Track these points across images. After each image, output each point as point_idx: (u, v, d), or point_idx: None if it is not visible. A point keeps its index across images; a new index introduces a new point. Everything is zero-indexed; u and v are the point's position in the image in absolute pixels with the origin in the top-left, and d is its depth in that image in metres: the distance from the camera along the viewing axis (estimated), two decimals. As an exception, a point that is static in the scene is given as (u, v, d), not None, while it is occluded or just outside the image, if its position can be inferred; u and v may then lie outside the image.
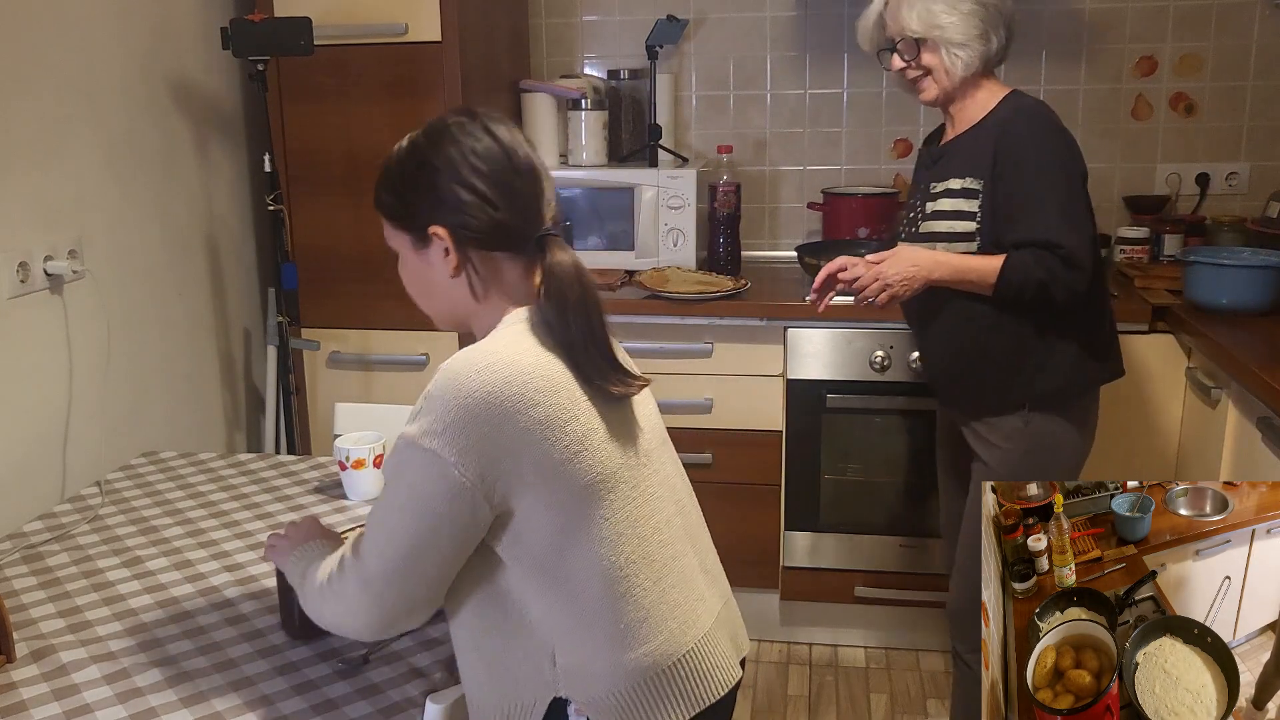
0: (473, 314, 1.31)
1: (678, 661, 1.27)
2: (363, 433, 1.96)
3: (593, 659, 1.23)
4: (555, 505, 1.20)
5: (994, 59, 1.96)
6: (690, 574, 1.32)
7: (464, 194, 1.23)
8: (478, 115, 1.28)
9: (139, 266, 2.39)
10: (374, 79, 2.63)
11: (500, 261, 1.28)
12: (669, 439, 1.41)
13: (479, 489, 1.16)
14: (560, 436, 1.19)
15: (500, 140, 1.26)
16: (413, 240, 1.29)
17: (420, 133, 1.29)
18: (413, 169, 1.27)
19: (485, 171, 1.24)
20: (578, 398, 1.22)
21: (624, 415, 1.30)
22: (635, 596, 1.24)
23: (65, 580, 1.62)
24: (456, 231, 1.25)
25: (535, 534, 1.20)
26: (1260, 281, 2.35)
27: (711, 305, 2.65)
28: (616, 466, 1.24)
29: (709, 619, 1.33)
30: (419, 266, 1.30)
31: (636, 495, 1.27)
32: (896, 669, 2.78)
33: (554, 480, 1.19)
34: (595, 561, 1.21)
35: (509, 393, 1.17)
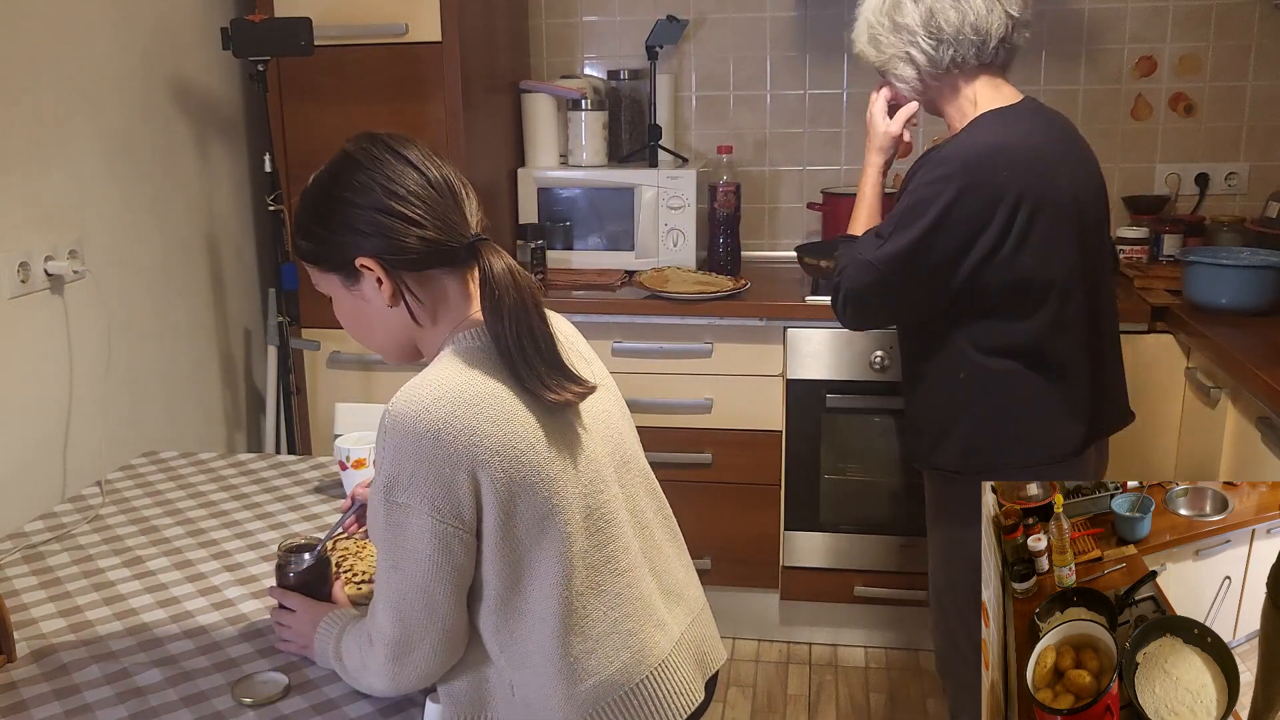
0: (419, 339, 1.29)
1: (630, 691, 1.25)
2: (363, 433, 1.96)
3: (547, 693, 1.21)
4: (512, 541, 1.18)
5: (952, 69, 1.79)
6: (647, 600, 1.29)
7: (383, 219, 1.20)
8: (378, 137, 1.26)
9: (139, 266, 2.39)
10: (374, 79, 2.63)
11: (437, 278, 1.25)
12: (638, 451, 1.38)
13: (460, 528, 1.16)
14: (514, 469, 1.17)
15: (409, 159, 1.23)
16: (341, 279, 1.26)
17: (324, 170, 1.26)
18: (325, 206, 1.24)
19: (400, 193, 1.21)
20: (530, 424, 1.20)
21: (576, 438, 1.26)
22: (585, 628, 1.22)
23: (66, 580, 1.62)
24: (384, 258, 1.22)
25: (494, 570, 1.19)
26: (1260, 281, 2.35)
27: (711, 305, 2.65)
28: (569, 496, 1.21)
29: (668, 645, 1.30)
30: (354, 304, 1.28)
31: (589, 524, 1.24)
32: (896, 669, 2.78)
33: (511, 515, 1.17)
34: (547, 595, 1.19)
35: (459, 426, 1.15)
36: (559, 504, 1.20)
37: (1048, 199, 1.70)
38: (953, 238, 1.70)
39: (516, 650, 1.21)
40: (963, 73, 1.80)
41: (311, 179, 1.27)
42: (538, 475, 1.18)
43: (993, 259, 1.70)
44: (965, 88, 1.82)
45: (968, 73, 1.80)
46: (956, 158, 1.71)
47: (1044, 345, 1.74)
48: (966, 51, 1.76)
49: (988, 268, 1.71)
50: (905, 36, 1.78)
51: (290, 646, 1.40)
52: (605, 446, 1.30)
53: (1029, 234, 1.69)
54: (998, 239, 1.69)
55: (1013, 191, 1.68)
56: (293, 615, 1.41)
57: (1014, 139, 1.73)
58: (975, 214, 1.69)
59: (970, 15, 1.74)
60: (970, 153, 1.71)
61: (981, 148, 1.72)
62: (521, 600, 1.20)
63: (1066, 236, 1.73)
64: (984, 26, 1.74)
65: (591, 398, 1.28)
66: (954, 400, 1.81)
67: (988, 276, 1.71)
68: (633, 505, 1.33)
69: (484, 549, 1.18)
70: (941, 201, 1.69)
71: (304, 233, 1.27)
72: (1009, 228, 1.69)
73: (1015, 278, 1.71)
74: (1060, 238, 1.72)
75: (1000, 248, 1.69)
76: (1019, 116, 1.77)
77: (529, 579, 1.19)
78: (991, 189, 1.68)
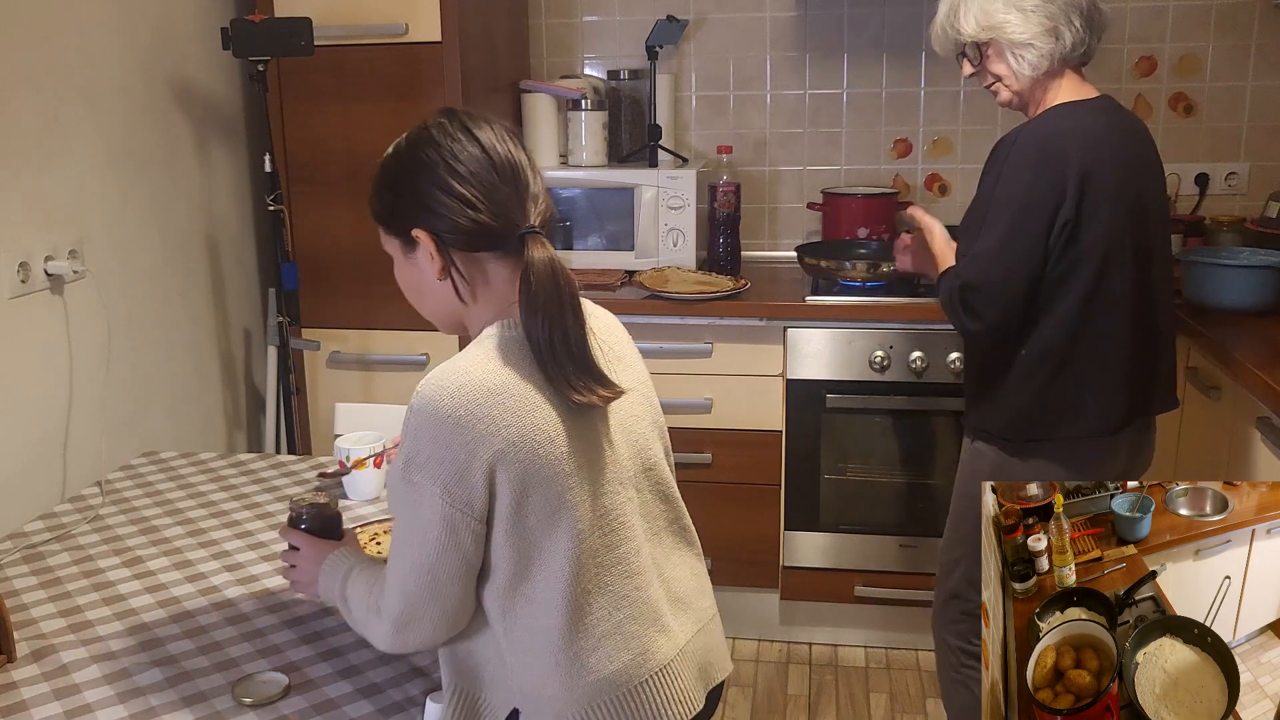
0: (464, 315, 1.31)
1: (629, 693, 1.25)
2: (363, 433, 1.96)
3: (543, 683, 1.22)
4: (521, 531, 1.20)
5: (1070, 56, 1.86)
6: (653, 605, 1.30)
7: (442, 196, 1.23)
8: (457, 114, 1.28)
9: (139, 266, 2.39)
10: (374, 79, 2.64)
11: (485, 262, 1.27)
12: (661, 458, 1.38)
13: (470, 514, 1.17)
14: (529, 462, 1.18)
15: (479, 139, 1.25)
16: (401, 244, 1.29)
17: (404, 137, 1.29)
18: (395, 173, 1.27)
19: (462, 173, 1.23)
20: (551, 419, 1.21)
21: (598, 439, 1.26)
22: (589, 626, 1.23)
23: (66, 580, 1.62)
24: (438, 234, 1.25)
25: (503, 556, 1.20)
26: (1260, 281, 2.35)
27: (711, 305, 2.65)
28: (583, 493, 1.22)
29: (671, 651, 1.30)
30: (410, 270, 1.31)
31: (601, 523, 1.24)
32: (896, 669, 2.78)
33: (521, 506, 1.19)
34: (553, 585, 1.21)
35: (479, 414, 1.17)
36: (571, 500, 1.21)
37: (1099, 173, 1.78)
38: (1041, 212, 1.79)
39: (520, 635, 1.22)
40: (1068, 66, 1.88)
41: (393, 144, 1.30)
42: (552, 470, 1.19)
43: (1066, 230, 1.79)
44: (1058, 79, 1.89)
45: (1061, 66, 1.88)
46: (1032, 143, 1.80)
47: (1085, 315, 1.82)
48: (1078, 47, 1.85)
49: (1062, 238, 1.80)
50: (1045, 19, 1.83)
51: (296, 586, 1.44)
52: (627, 450, 1.31)
53: (1082, 203, 1.78)
54: (1072, 212, 1.78)
55: (1074, 164, 1.77)
56: (299, 555, 1.43)
57: (1078, 125, 1.82)
58: (1052, 187, 1.78)
59: (1086, 10, 1.84)
60: (1043, 135, 1.81)
61: (1051, 131, 1.81)
62: (529, 587, 1.21)
63: (1115, 211, 1.80)
64: (1096, 22, 1.86)
65: (620, 400, 1.28)
66: (1008, 371, 1.89)
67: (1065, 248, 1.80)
68: (648, 511, 1.33)
69: (494, 534, 1.20)
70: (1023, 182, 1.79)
71: (376, 193, 1.31)
72: (1079, 199, 1.78)
73: (1079, 247, 1.80)
74: (1110, 211, 1.79)
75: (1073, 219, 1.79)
76: (1089, 110, 1.86)
77: (538, 568, 1.21)
78: (1061, 166, 1.78)
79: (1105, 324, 1.83)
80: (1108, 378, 1.85)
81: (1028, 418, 1.88)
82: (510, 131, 1.29)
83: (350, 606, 1.32)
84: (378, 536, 1.71)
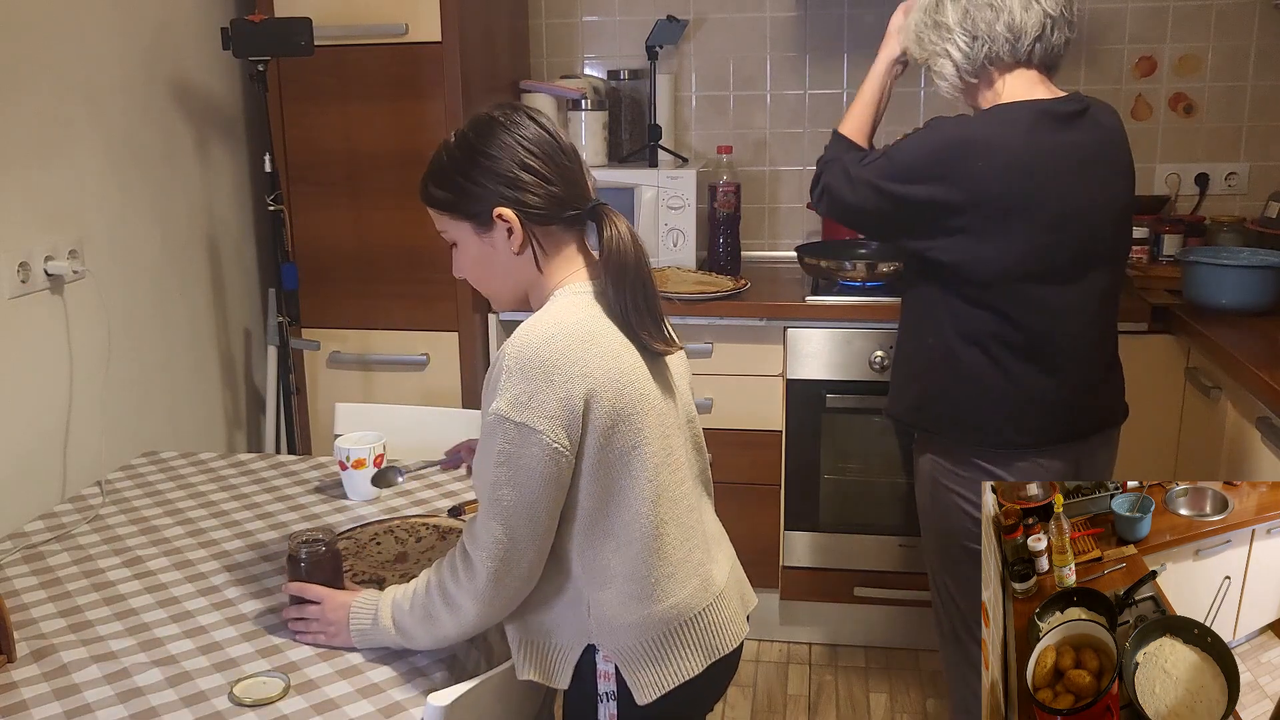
0: (533, 285, 1.42)
1: (698, 615, 1.39)
2: (363, 433, 1.96)
3: (624, 611, 1.34)
4: (606, 465, 1.31)
5: (988, 65, 1.82)
6: (708, 536, 1.47)
7: (523, 174, 1.35)
8: (518, 106, 1.41)
9: (139, 266, 2.39)
10: (374, 79, 2.63)
11: (557, 233, 1.39)
12: (695, 413, 1.53)
13: (569, 449, 1.29)
14: (617, 399, 1.31)
15: (544, 126, 1.39)
16: (474, 226, 1.38)
17: (467, 127, 1.39)
18: (469, 160, 1.36)
19: (537, 153, 1.36)
20: (635, 362, 1.35)
21: (667, 384, 1.42)
22: (666, 553, 1.36)
23: (66, 580, 1.63)
24: (521, 210, 1.36)
25: (587, 492, 1.32)
26: (1260, 281, 2.35)
27: (711, 305, 2.65)
28: (658, 432, 1.36)
29: (723, 578, 1.45)
30: (482, 250, 1.40)
31: (670, 460, 1.38)
32: (896, 669, 2.78)
33: (609, 440, 1.31)
34: (635, 519, 1.33)
35: (575, 356, 1.29)
36: (647, 436, 1.34)
37: (1008, 198, 1.72)
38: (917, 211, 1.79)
39: (600, 569, 1.34)
40: (998, 69, 1.84)
41: (454, 135, 1.40)
42: (635, 408, 1.33)
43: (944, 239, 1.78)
44: (998, 83, 1.85)
45: (1002, 69, 1.84)
46: (940, 138, 1.78)
47: (992, 336, 1.80)
48: (1001, 48, 1.80)
49: (937, 247, 1.79)
50: (944, 34, 1.84)
51: (315, 639, 1.43)
52: (679, 400, 1.46)
53: (979, 227, 1.74)
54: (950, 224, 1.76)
55: (969, 184, 1.73)
56: (315, 608, 1.43)
57: (993, 134, 1.75)
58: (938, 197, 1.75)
59: (1005, 14, 1.78)
60: (950, 138, 1.77)
61: (956, 138, 1.76)
62: (609, 522, 1.33)
63: (1025, 236, 1.74)
64: (1018, 24, 1.78)
65: (673, 359, 1.46)
66: (916, 361, 1.93)
67: (939, 254, 1.80)
68: (693, 456, 1.49)
69: (581, 470, 1.31)
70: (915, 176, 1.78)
71: (442, 183, 1.39)
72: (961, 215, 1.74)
73: (964, 262, 1.77)
74: (1015, 236, 1.74)
75: (953, 232, 1.76)
76: (1024, 114, 1.77)
77: (616, 502, 1.33)
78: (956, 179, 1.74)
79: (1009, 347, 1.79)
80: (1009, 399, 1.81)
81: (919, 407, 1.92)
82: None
83: (402, 621, 1.38)
84: (378, 536, 1.71)
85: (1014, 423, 1.82)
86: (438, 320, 2.72)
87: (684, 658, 1.38)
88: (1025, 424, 1.82)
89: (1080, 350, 1.83)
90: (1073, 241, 1.77)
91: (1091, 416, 1.89)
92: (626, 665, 1.36)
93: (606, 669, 1.37)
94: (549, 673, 1.38)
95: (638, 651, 1.36)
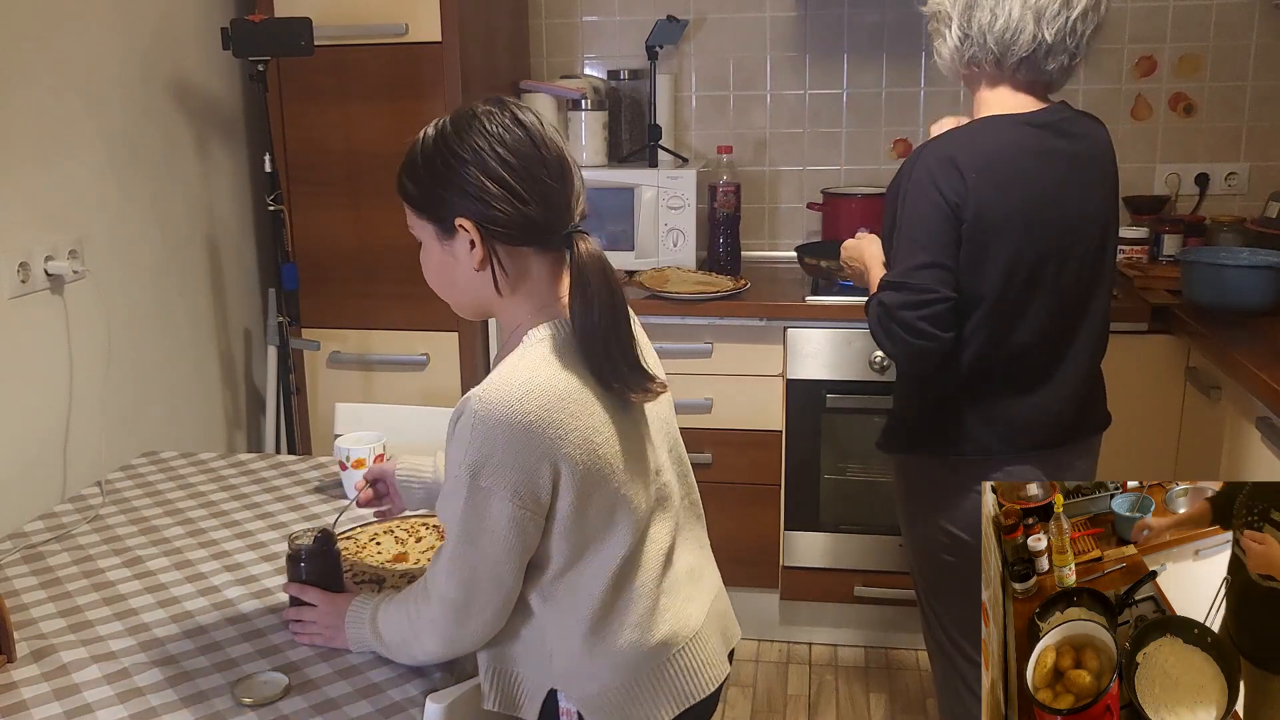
0: (496, 307, 1.30)
1: (667, 660, 1.31)
2: (363, 433, 1.96)
3: (587, 661, 1.28)
4: (580, 526, 1.24)
5: (972, 66, 1.76)
6: (681, 576, 1.36)
7: (491, 186, 1.21)
8: (507, 104, 1.26)
9: (139, 266, 2.39)
10: (374, 79, 2.63)
11: (527, 256, 1.26)
12: (679, 436, 1.43)
13: (536, 514, 1.21)
14: (591, 463, 1.22)
15: (529, 130, 1.23)
16: (437, 231, 1.27)
17: (448, 120, 1.26)
18: (438, 158, 1.24)
19: (513, 164, 1.21)
20: (604, 418, 1.24)
21: (640, 429, 1.32)
22: (632, 603, 1.28)
23: (66, 580, 1.62)
24: (483, 225, 1.22)
25: (558, 549, 1.25)
26: (1260, 281, 2.35)
27: (711, 305, 2.65)
28: (633, 486, 1.27)
29: (699, 618, 1.36)
30: (442, 258, 1.28)
31: (644, 509, 1.30)
32: (896, 669, 2.78)
33: (584, 504, 1.23)
34: (601, 573, 1.26)
35: (549, 419, 1.19)
36: (628, 493, 1.26)
37: (987, 215, 1.67)
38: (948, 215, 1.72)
39: (563, 619, 1.27)
40: (984, 74, 1.78)
41: (433, 125, 1.27)
42: (611, 467, 1.24)
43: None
44: (986, 89, 1.79)
45: (989, 77, 1.78)
46: (921, 165, 1.71)
47: (973, 352, 1.74)
48: (985, 57, 1.74)
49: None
50: (945, 21, 1.77)
51: (314, 640, 1.42)
52: (660, 436, 1.36)
53: (962, 243, 1.68)
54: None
55: (951, 201, 1.67)
56: (314, 610, 1.42)
57: (975, 151, 1.70)
58: (924, 213, 1.70)
59: (998, 25, 1.70)
60: (931, 160, 1.71)
61: (938, 157, 1.70)
62: (578, 576, 1.26)
63: (1003, 255, 1.69)
64: (1007, 40, 1.70)
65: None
66: (903, 387, 1.91)
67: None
68: (675, 490, 1.39)
69: (553, 528, 1.23)
70: (905, 202, 1.74)
71: (412, 176, 1.27)
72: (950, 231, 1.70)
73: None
74: (995, 255, 1.69)
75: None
76: (1007, 128, 1.73)
77: (588, 559, 1.26)
78: (934, 193, 1.68)
79: (988, 364, 1.76)
80: (987, 411, 1.79)
81: (896, 429, 1.91)
82: (554, 126, 1.28)
83: (386, 636, 1.35)
84: (377, 536, 1.71)
85: (993, 432, 1.78)
86: (438, 320, 2.72)
87: (652, 707, 1.30)
88: (1004, 433, 1.78)
89: (1062, 363, 1.79)
90: (1055, 253, 1.72)
91: (1071, 426, 1.84)
92: (590, 713, 1.30)
93: (569, 707, 1.32)
94: (514, 703, 1.33)
95: (600, 701, 1.29)
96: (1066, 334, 1.79)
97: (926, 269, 1.67)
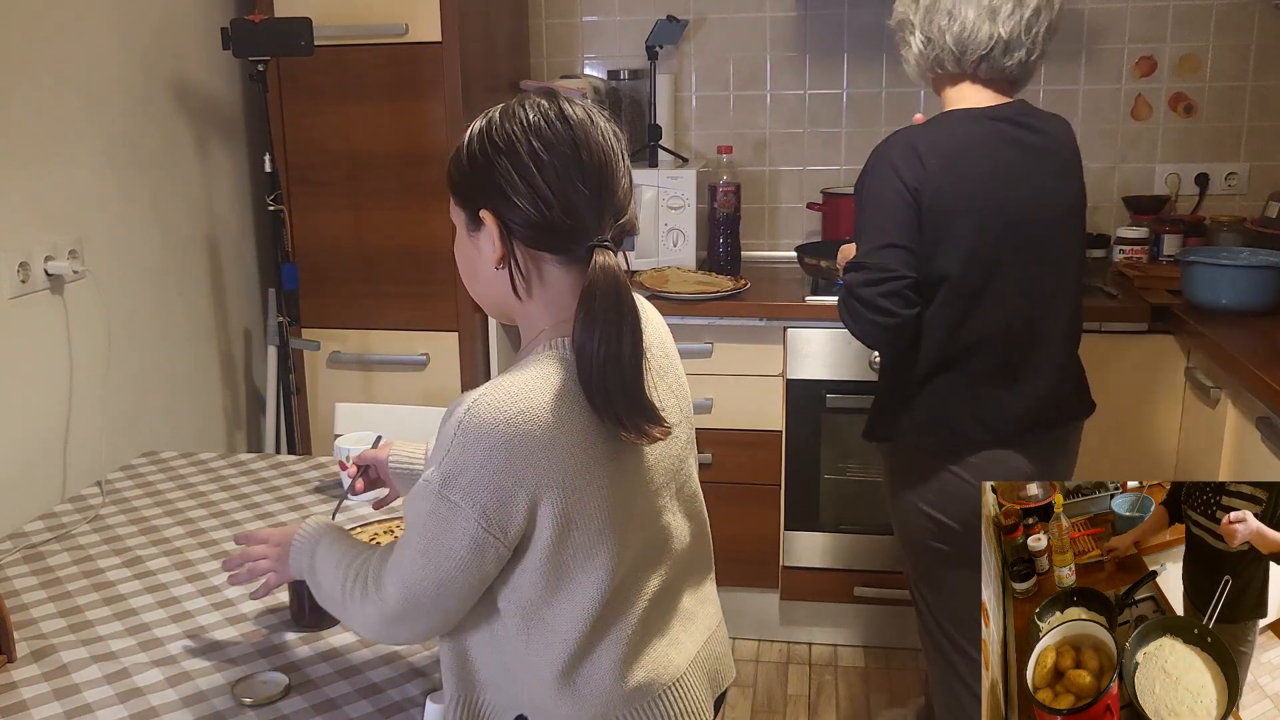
0: (516, 310, 1.23)
1: (646, 706, 1.23)
2: (363, 433, 1.96)
3: (561, 700, 1.20)
4: (559, 564, 1.16)
5: (936, 68, 1.89)
6: (671, 621, 1.28)
7: (517, 182, 1.14)
8: (557, 97, 1.19)
9: (139, 266, 2.39)
10: (374, 79, 2.63)
11: (546, 263, 1.18)
12: (693, 472, 1.34)
13: (502, 540, 1.13)
14: (576, 498, 1.13)
15: (572, 128, 1.16)
16: (467, 219, 1.21)
17: (497, 109, 1.20)
18: (478, 143, 1.18)
19: (545, 160, 1.14)
20: (599, 457, 1.15)
21: (643, 468, 1.22)
22: (611, 647, 1.20)
23: (66, 580, 1.62)
24: (505, 222, 1.17)
25: (532, 583, 1.16)
26: (1260, 281, 2.35)
27: (711, 305, 2.65)
28: (622, 529, 1.18)
29: (683, 663, 1.28)
30: (469, 248, 1.23)
31: (631, 553, 1.21)
32: (896, 669, 2.78)
33: (562, 542, 1.14)
34: (577, 614, 1.17)
35: (533, 446, 1.10)
36: (612, 535, 1.17)
37: (945, 199, 1.77)
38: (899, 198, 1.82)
39: (537, 655, 1.19)
40: (947, 75, 1.89)
41: (485, 113, 1.21)
42: (597, 509, 1.15)
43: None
44: (950, 88, 1.91)
45: (952, 77, 1.89)
46: (884, 154, 1.84)
47: (946, 338, 1.83)
48: (947, 57, 1.86)
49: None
50: (909, 29, 1.90)
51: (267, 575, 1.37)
52: (664, 476, 1.26)
53: (923, 226, 1.78)
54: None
55: (911, 186, 1.78)
56: (264, 546, 1.38)
57: (935, 139, 1.81)
58: (885, 199, 1.81)
59: (955, 25, 1.82)
60: (893, 149, 1.83)
61: (900, 145, 1.82)
62: (552, 612, 1.17)
63: (963, 237, 1.78)
64: (965, 40, 1.82)
65: (670, 408, 1.24)
66: (884, 375, 1.99)
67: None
68: (677, 532, 1.29)
69: (528, 562, 1.15)
70: (866, 191, 1.85)
71: (455, 160, 1.22)
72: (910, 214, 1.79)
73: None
74: (956, 238, 1.78)
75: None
76: (967, 120, 1.84)
77: (565, 596, 1.17)
78: (895, 179, 1.80)
79: (957, 346, 1.83)
80: (964, 398, 1.85)
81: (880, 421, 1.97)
82: (609, 121, 1.20)
83: (321, 580, 1.27)
84: (377, 536, 1.71)
85: (974, 420, 1.85)
86: (438, 320, 2.72)
87: None
88: (985, 420, 1.85)
89: (1036, 350, 1.86)
90: (1014, 235, 1.80)
91: (1051, 413, 1.90)
92: None
93: None
94: None
95: None
96: (1037, 320, 1.85)
97: (886, 249, 1.77)
